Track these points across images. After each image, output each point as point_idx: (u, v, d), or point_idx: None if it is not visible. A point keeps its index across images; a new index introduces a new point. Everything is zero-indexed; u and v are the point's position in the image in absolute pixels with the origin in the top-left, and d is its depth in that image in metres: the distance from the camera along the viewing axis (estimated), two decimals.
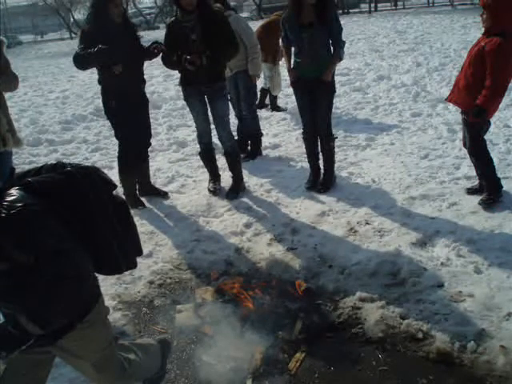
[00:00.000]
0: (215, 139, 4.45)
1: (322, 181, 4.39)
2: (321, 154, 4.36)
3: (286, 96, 7.94)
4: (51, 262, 1.43)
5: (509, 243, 3.22)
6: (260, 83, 6.17)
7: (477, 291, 2.81)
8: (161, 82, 10.56)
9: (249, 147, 5.44)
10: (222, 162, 4.61)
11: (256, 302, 2.93)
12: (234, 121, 5.14)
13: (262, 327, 2.69)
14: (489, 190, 3.75)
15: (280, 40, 4.37)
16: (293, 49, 4.09)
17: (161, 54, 3.97)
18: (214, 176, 4.53)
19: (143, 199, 4.37)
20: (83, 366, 1.81)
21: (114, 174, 4.20)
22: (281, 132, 6.27)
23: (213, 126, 4.28)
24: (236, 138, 4.80)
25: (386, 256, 3.25)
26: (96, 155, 5.96)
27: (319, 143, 4.28)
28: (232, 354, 2.50)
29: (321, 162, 4.44)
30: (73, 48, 7.45)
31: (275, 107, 7.37)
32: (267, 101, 7.49)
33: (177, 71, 4.15)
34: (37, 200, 1.47)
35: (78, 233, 1.57)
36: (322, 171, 4.44)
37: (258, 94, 6.09)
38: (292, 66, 4.12)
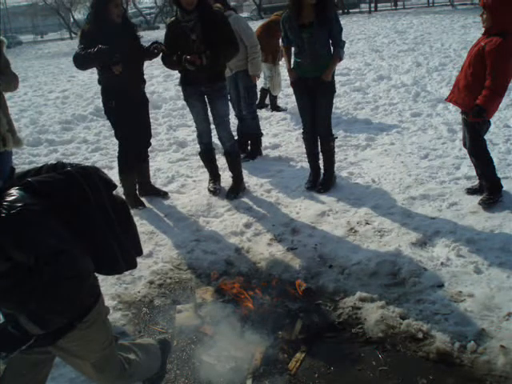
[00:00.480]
0: (215, 139, 4.45)
1: (322, 181, 4.39)
2: (321, 153, 4.36)
3: (286, 96, 7.94)
4: (51, 261, 1.43)
5: (509, 243, 3.22)
6: (260, 83, 6.18)
7: (477, 291, 2.81)
8: (161, 81, 10.56)
9: (249, 147, 5.45)
10: (222, 162, 4.61)
11: (256, 301, 2.93)
12: (233, 121, 5.14)
13: (262, 327, 2.69)
14: (489, 190, 3.75)
15: (280, 40, 4.37)
16: (293, 49, 4.09)
17: (161, 54, 3.97)
18: (214, 176, 4.53)
19: (143, 199, 4.37)
20: (83, 366, 1.81)
21: (113, 174, 4.21)
22: (281, 132, 6.27)
23: (213, 126, 4.28)
24: (236, 137, 4.80)
25: (386, 256, 3.25)
26: (96, 155, 5.96)
27: (319, 143, 4.28)
28: (232, 354, 2.50)
29: (321, 162, 4.44)
30: (73, 48, 7.46)
31: (275, 107, 7.37)
32: (267, 101, 7.50)
33: (177, 71, 4.15)
34: (37, 200, 1.47)
35: (78, 233, 1.57)
36: (322, 171, 4.44)
37: (258, 93, 6.09)
38: (292, 66, 4.12)
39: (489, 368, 2.32)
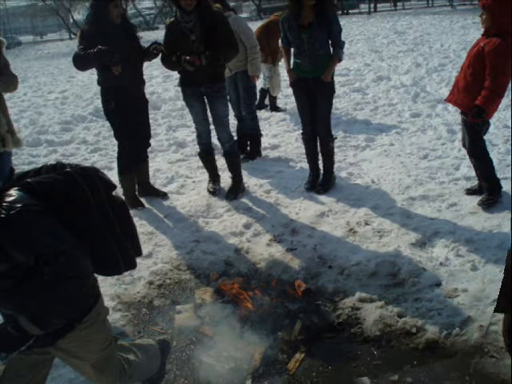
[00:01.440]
0: (215, 140, 4.46)
1: (321, 181, 4.39)
2: (320, 154, 4.36)
3: (286, 96, 7.95)
4: (51, 262, 1.44)
5: (507, 241, 3.22)
6: (259, 84, 6.18)
7: (471, 287, 2.85)
8: (160, 82, 10.56)
9: (248, 148, 5.45)
10: (221, 162, 4.61)
11: (255, 302, 2.93)
12: (233, 121, 5.14)
13: (262, 328, 2.70)
14: (488, 190, 3.75)
15: (279, 40, 4.37)
16: (292, 49, 4.09)
17: (160, 55, 3.97)
18: (214, 176, 4.53)
19: (143, 200, 4.36)
20: (83, 367, 1.81)
21: (113, 175, 4.20)
22: (280, 132, 6.27)
23: (212, 127, 4.28)
24: (235, 138, 4.80)
25: (385, 256, 3.26)
26: (95, 156, 5.96)
27: (319, 144, 4.29)
28: (231, 355, 2.50)
29: (320, 163, 4.44)
30: (72, 48, 7.47)
31: (275, 108, 7.38)
32: (267, 101, 7.50)
33: (176, 72, 4.15)
34: (36, 200, 1.48)
35: (77, 233, 1.57)
36: (322, 172, 4.45)
37: (258, 94, 6.09)
38: (291, 67, 4.12)
39: (464, 344, 2.44)
